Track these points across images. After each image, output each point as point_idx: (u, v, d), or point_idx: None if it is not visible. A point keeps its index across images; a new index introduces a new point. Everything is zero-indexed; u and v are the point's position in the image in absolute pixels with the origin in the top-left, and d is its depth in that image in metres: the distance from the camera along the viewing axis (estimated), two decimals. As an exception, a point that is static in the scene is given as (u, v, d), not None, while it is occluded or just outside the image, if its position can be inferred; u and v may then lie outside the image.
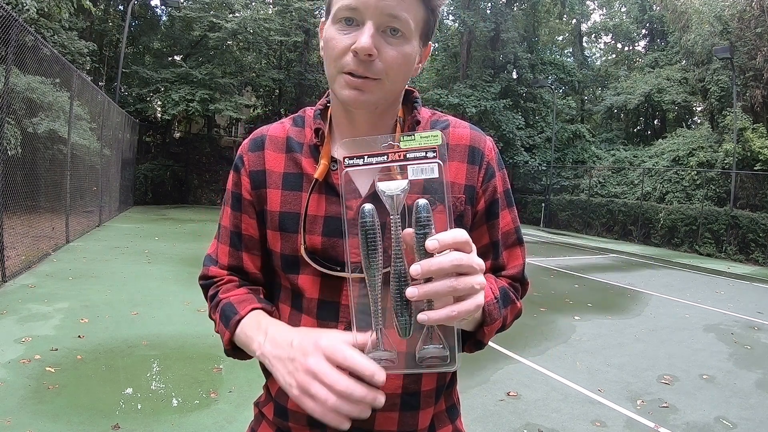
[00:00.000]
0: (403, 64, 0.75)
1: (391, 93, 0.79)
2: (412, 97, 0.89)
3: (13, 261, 5.76)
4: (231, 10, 17.26)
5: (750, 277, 10.45)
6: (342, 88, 0.75)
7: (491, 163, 0.86)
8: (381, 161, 0.64)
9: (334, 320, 0.81)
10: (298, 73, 19.58)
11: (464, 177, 0.84)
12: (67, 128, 8.15)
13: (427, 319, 0.58)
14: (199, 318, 4.74)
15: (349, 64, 0.73)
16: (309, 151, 0.85)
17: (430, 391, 0.84)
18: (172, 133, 19.36)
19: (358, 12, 0.72)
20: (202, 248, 8.69)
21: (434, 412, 0.86)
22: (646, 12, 24.30)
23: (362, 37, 0.71)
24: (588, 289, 7.76)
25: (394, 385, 0.80)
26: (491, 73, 21.88)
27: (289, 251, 0.83)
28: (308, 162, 0.84)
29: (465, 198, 0.83)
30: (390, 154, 0.64)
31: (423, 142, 0.63)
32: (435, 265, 0.58)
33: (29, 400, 2.90)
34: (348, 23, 0.74)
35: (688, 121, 22.18)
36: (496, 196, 0.87)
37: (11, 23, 5.21)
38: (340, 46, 0.73)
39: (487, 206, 0.86)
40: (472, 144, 0.85)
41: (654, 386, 3.92)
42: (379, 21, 0.72)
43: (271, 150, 0.87)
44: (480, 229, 0.87)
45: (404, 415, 0.81)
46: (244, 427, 0.84)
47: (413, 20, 0.74)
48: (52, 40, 10.74)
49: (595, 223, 17.75)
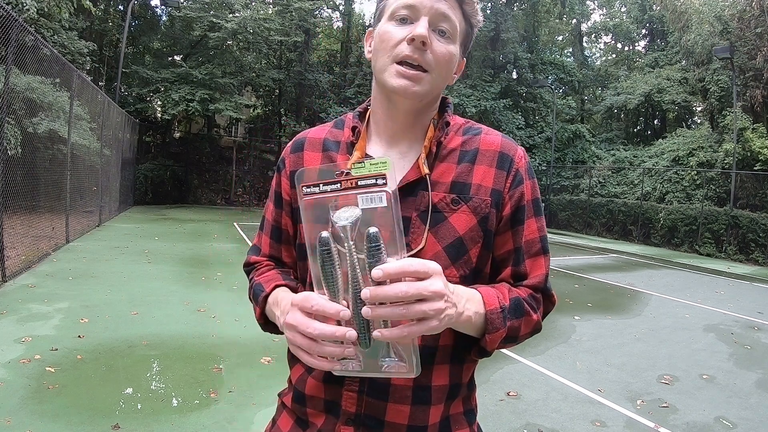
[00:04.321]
0: (449, 61, 0.83)
1: (435, 89, 0.84)
2: (445, 102, 0.95)
3: (13, 261, 5.76)
4: (231, 10, 17.24)
5: (750, 277, 10.45)
6: (394, 77, 0.82)
7: (520, 171, 0.88)
8: (335, 189, 0.67)
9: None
10: (298, 73, 19.57)
11: (491, 181, 0.86)
12: (67, 128, 8.15)
13: (381, 336, 0.64)
14: (199, 318, 4.74)
15: (404, 51, 0.80)
16: (345, 148, 0.91)
17: (442, 387, 0.85)
18: (172, 133, 19.35)
19: (414, 9, 0.81)
20: (202, 248, 8.72)
21: (451, 413, 0.87)
22: (646, 12, 24.29)
23: (418, 27, 0.79)
24: (588, 289, 7.76)
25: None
26: (491, 73, 21.88)
27: None
28: (342, 158, 0.90)
29: (491, 201, 0.85)
30: (343, 182, 0.66)
31: (372, 170, 0.65)
32: (381, 294, 0.62)
33: (29, 400, 2.90)
34: (403, 21, 0.82)
35: (688, 121, 22.18)
36: (523, 203, 0.88)
37: (11, 23, 5.21)
38: (397, 37, 0.81)
39: (512, 212, 0.88)
40: (502, 150, 0.89)
41: (654, 386, 3.92)
42: (432, 19, 0.81)
43: (309, 150, 0.94)
44: (505, 234, 0.88)
45: (415, 408, 0.83)
46: (244, 427, 0.85)
47: (459, 25, 0.84)
48: (52, 40, 10.74)
49: (595, 223, 17.75)
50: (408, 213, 0.83)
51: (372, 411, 0.82)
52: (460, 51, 0.86)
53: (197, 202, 18.30)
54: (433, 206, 0.83)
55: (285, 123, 19.81)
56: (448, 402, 0.86)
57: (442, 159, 0.87)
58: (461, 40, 0.86)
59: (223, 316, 4.81)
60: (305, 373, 0.88)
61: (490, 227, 0.86)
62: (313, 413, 0.87)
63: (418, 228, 0.83)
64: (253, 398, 3.17)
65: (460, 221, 0.84)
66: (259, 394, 3.24)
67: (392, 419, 0.82)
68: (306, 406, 0.88)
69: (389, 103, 0.87)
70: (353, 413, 0.82)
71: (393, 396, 0.82)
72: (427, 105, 0.88)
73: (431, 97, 0.85)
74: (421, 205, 0.83)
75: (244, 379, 3.46)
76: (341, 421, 0.83)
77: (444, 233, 0.83)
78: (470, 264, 0.85)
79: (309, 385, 0.86)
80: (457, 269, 0.84)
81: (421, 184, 0.84)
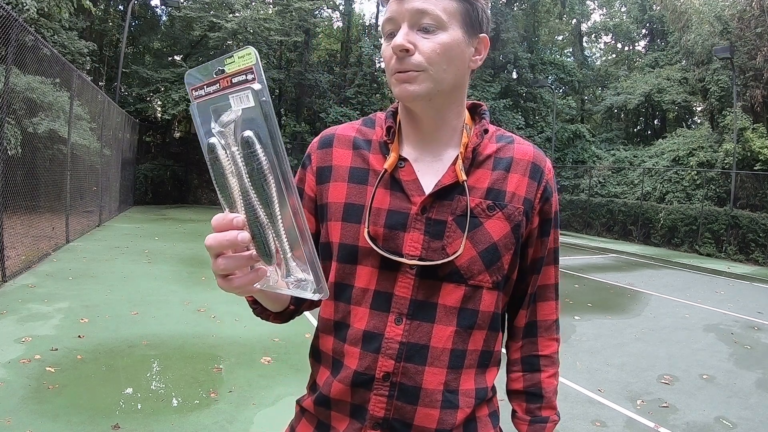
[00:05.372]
0: (442, 52, 0.79)
1: (441, 83, 0.81)
2: (481, 110, 0.93)
3: (13, 261, 5.76)
4: (231, 10, 17.24)
5: (750, 277, 10.44)
6: (394, 86, 0.82)
7: (549, 183, 0.91)
8: (216, 90, 0.59)
9: (386, 311, 0.84)
10: (298, 73, 19.57)
11: (524, 190, 0.87)
12: (67, 128, 8.15)
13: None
14: (199, 318, 4.74)
15: (394, 65, 0.80)
16: (378, 147, 0.90)
17: (469, 391, 0.86)
18: (172, 132, 19.34)
19: (394, 21, 0.80)
20: (202, 248, 8.67)
21: (477, 415, 0.88)
22: (646, 12, 24.28)
23: (396, 38, 0.79)
24: (588, 289, 7.76)
25: (436, 380, 0.83)
26: (491, 72, 21.87)
27: (350, 241, 0.86)
28: (376, 158, 0.89)
29: (523, 209, 0.87)
30: (221, 81, 0.58)
31: (240, 63, 0.57)
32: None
33: (29, 400, 2.90)
34: (392, 36, 0.81)
35: (688, 121, 22.18)
36: (551, 215, 0.92)
37: (11, 23, 5.21)
38: (388, 54, 0.81)
39: (541, 223, 0.91)
40: (534, 161, 0.90)
41: (654, 386, 3.92)
42: (410, 21, 0.79)
43: (338, 147, 0.92)
44: (532, 244, 0.92)
45: (444, 412, 0.83)
46: (244, 427, 0.84)
47: (443, 12, 0.79)
48: (52, 40, 10.73)
49: (595, 223, 17.74)
50: (443, 217, 0.84)
51: (401, 415, 0.82)
52: (463, 32, 0.81)
53: (197, 202, 18.30)
54: (470, 211, 0.84)
55: (285, 123, 19.80)
56: (474, 405, 0.86)
57: (478, 165, 0.87)
58: (461, 21, 0.80)
59: (223, 316, 4.81)
60: (330, 377, 0.87)
61: (521, 235, 0.87)
62: (337, 417, 0.87)
63: (454, 232, 0.83)
64: (253, 398, 3.17)
65: (495, 227, 0.85)
66: (259, 394, 3.24)
67: (420, 423, 0.82)
68: (331, 409, 0.87)
69: (408, 110, 0.87)
70: (381, 417, 0.82)
71: (423, 400, 0.82)
72: (446, 102, 0.85)
73: (441, 94, 0.82)
74: (457, 210, 0.84)
75: (244, 379, 3.46)
76: (368, 425, 0.83)
77: (480, 238, 0.84)
78: (502, 270, 0.86)
79: (335, 389, 0.86)
80: (491, 275, 0.85)
81: (457, 189, 0.84)
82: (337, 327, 0.88)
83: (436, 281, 0.83)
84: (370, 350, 0.83)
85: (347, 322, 0.86)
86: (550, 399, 0.96)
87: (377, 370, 0.82)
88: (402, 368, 0.82)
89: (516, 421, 0.98)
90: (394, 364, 0.82)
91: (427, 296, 0.83)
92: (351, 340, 0.85)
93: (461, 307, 0.83)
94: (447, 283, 0.83)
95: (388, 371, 0.82)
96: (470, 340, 0.85)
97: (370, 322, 0.84)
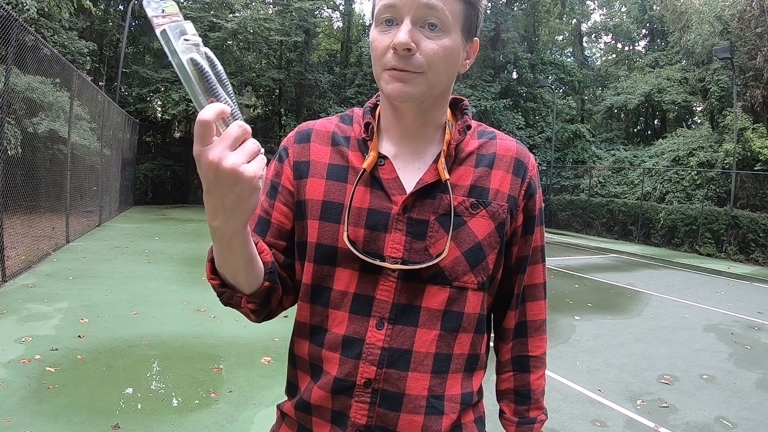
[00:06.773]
0: (443, 56, 0.76)
1: (436, 86, 0.78)
2: (462, 105, 0.90)
3: (13, 261, 5.76)
4: (231, 10, 17.25)
5: (750, 277, 10.44)
6: (386, 83, 0.77)
7: (533, 179, 0.89)
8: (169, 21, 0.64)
9: (367, 315, 0.81)
10: (298, 73, 19.57)
11: (508, 187, 0.85)
12: (67, 128, 8.15)
13: None
14: (199, 318, 4.74)
15: (390, 60, 0.75)
16: (357, 145, 0.86)
17: (455, 397, 0.84)
18: (172, 132, 19.36)
19: (396, 9, 0.74)
20: (202, 248, 8.70)
21: (462, 421, 0.86)
22: (646, 12, 24.27)
23: (399, 33, 0.73)
24: (588, 289, 7.76)
25: (420, 386, 0.80)
26: (491, 73, 21.86)
27: (329, 242, 0.83)
28: (355, 155, 0.86)
29: (507, 207, 0.85)
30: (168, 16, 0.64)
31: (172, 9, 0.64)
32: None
33: (29, 400, 2.90)
34: (388, 24, 0.76)
35: (688, 121, 22.17)
36: (535, 212, 0.89)
37: (11, 23, 5.21)
38: (382, 46, 0.76)
39: (525, 221, 0.89)
40: (518, 157, 0.87)
41: (654, 386, 3.92)
42: (416, 15, 0.74)
43: (317, 142, 0.88)
44: (516, 242, 0.90)
45: (429, 419, 0.81)
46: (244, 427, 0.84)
47: (450, 12, 0.75)
48: (52, 40, 10.74)
49: (595, 223, 17.74)
50: (426, 216, 0.81)
51: (383, 422, 0.80)
52: (462, 36, 0.79)
53: (197, 202, 18.28)
54: (453, 210, 0.81)
55: (285, 123, 19.80)
56: (460, 411, 0.85)
57: (461, 162, 0.84)
58: (462, 25, 0.78)
59: (223, 316, 4.81)
60: (311, 383, 0.85)
61: (505, 233, 0.85)
62: (318, 422, 0.84)
63: (436, 232, 0.81)
64: (253, 398, 3.17)
65: (479, 226, 0.82)
66: (259, 394, 3.24)
67: (404, 430, 0.80)
68: (311, 415, 0.85)
69: (393, 106, 0.83)
70: (363, 424, 0.80)
71: (407, 406, 0.80)
72: (434, 103, 0.82)
73: (432, 96, 0.79)
74: (439, 209, 0.81)
75: (244, 379, 3.46)
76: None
77: (463, 238, 0.81)
78: (487, 270, 0.84)
79: (315, 395, 0.83)
80: (476, 275, 0.82)
81: (439, 187, 0.82)
82: (314, 331, 0.85)
83: (419, 284, 0.80)
84: (351, 356, 0.80)
85: (324, 326, 0.83)
86: (538, 400, 0.96)
87: (358, 377, 0.80)
88: (384, 374, 0.79)
89: (504, 421, 0.97)
90: (376, 371, 0.79)
91: (410, 299, 0.80)
92: (330, 345, 0.82)
93: (446, 310, 0.81)
94: (431, 286, 0.80)
95: (370, 378, 0.79)
96: (455, 343, 0.82)
97: (350, 326, 0.81)
